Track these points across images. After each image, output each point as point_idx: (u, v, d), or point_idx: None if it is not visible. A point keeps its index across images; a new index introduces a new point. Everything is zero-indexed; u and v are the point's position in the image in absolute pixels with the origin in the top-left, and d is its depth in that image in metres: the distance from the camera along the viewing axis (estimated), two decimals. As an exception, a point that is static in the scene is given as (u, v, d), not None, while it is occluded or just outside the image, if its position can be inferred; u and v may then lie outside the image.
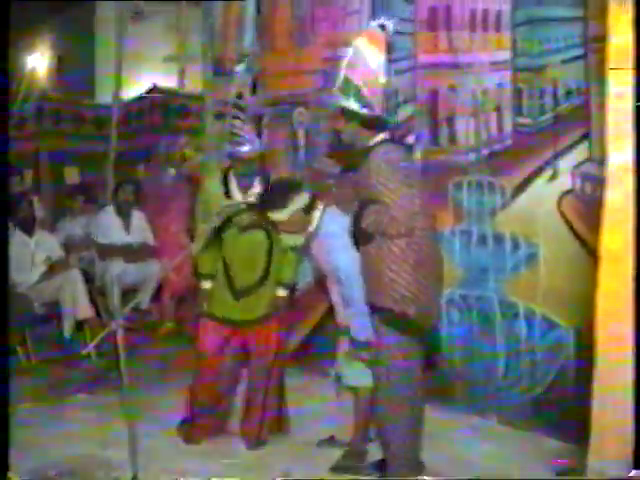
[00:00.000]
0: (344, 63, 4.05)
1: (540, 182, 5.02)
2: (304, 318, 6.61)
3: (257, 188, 4.87)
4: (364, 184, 3.96)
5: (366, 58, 3.97)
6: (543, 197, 5.00)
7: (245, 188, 4.90)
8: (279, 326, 5.02)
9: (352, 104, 3.98)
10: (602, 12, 3.17)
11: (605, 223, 3.16)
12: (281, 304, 5.00)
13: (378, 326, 4.03)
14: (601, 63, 3.22)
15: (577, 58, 4.81)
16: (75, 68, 15.42)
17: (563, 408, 4.81)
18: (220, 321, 4.94)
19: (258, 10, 6.95)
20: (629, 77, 3.05)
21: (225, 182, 4.92)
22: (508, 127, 5.21)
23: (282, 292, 5.00)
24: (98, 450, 4.71)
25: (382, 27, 4.06)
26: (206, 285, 4.98)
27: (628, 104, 3.05)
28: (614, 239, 3.12)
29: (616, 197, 3.11)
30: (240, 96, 4.91)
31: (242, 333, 5.00)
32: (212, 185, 5.02)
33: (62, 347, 6.87)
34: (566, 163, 4.88)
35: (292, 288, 5.18)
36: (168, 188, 8.75)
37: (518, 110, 5.15)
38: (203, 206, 5.01)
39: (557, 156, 4.92)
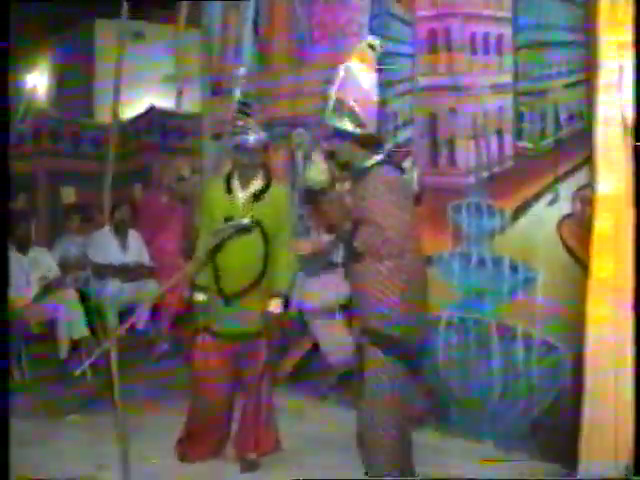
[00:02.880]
0: (336, 83, 4.07)
1: (540, 206, 5.02)
2: (300, 340, 6.59)
3: (259, 182, 4.83)
4: (358, 204, 3.98)
5: (358, 78, 4.01)
6: (543, 221, 4.99)
7: (247, 181, 4.81)
8: (270, 343, 4.90)
9: (346, 124, 4.00)
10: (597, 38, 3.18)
11: (594, 250, 3.15)
12: (274, 319, 4.80)
13: (364, 346, 4.03)
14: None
15: (579, 83, 4.82)
16: (74, 87, 15.46)
17: (560, 432, 4.75)
18: (216, 336, 4.86)
19: (256, 31, 6.98)
20: (618, 102, 3.05)
21: (227, 180, 4.84)
22: (509, 150, 5.21)
23: (276, 303, 4.79)
24: (91, 470, 4.69)
25: (371, 46, 4.10)
26: (200, 297, 4.89)
27: (616, 130, 3.04)
28: (602, 267, 3.11)
29: (604, 224, 3.10)
30: (244, 103, 4.92)
31: (235, 348, 4.90)
32: (214, 186, 4.99)
33: (57, 366, 6.84)
34: (567, 187, 4.88)
35: (286, 300, 4.91)
36: (164, 208, 8.76)
37: (519, 134, 5.16)
38: (206, 211, 4.95)
39: (558, 180, 4.92)
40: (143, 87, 13.19)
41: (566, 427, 4.66)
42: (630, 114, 3.04)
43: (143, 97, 12.21)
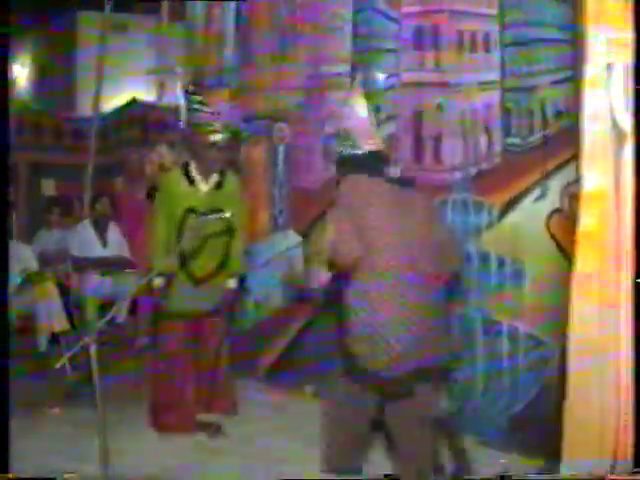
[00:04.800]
0: (343, 116, 4.23)
1: (528, 201, 5.04)
2: (280, 334, 6.60)
3: (216, 173, 5.20)
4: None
5: (357, 110, 4.12)
6: (531, 216, 5.02)
7: (208, 174, 5.19)
8: (227, 318, 5.46)
9: (350, 150, 4.08)
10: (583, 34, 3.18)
11: (579, 246, 3.16)
12: (232, 296, 5.44)
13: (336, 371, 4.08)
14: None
15: (566, 80, 4.84)
16: (55, 80, 15.38)
17: (544, 427, 4.74)
18: (179, 316, 5.21)
19: (238, 26, 6.96)
20: (606, 99, 3.05)
21: (187, 173, 5.17)
22: (497, 147, 5.23)
23: (232, 283, 5.39)
24: (70, 465, 4.67)
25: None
26: (158, 281, 5.19)
27: (603, 126, 3.05)
28: (587, 262, 3.12)
29: (589, 220, 3.11)
30: (191, 91, 5.09)
31: (199, 325, 5.32)
32: (172, 179, 5.28)
33: (36, 360, 6.80)
34: (555, 182, 4.91)
35: (241, 279, 5.56)
36: (145, 201, 8.72)
37: (507, 130, 5.18)
38: (164, 203, 5.25)
39: (546, 176, 4.95)
40: (125, 80, 13.13)
41: (550, 422, 4.69)
42: (622, 111, 3.05)
43: (125, 90, 12.16)
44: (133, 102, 10.59)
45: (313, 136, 6.36)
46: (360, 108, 4.15)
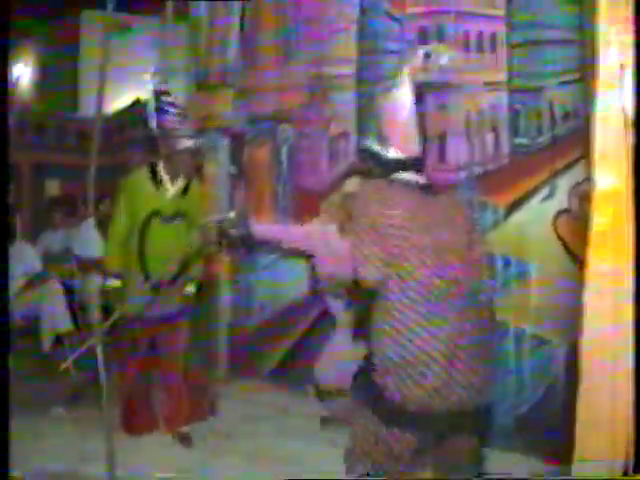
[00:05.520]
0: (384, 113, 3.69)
1: (536, 201, 5.03)
2: (284, 335, 6.60)
3: (181, 182, 5.12)
4: None
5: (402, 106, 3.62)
6: (538, 216, 5.01)
7: (175, 177, 5.12)
8: (188, 323, 5.33)
9: (374, 145, 3.61)
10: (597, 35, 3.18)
11: (591, 245, 3.16)
12: (190, 301, 5.32)
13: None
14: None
15: (575, 81, 4.83)
16: (59, 80, 15.37)
17: (550, 428, 4.73)
18: (140, 319, 5.10)
19: (242, 26, 6.96)
20: (618, 99, 3.06)
21: (154, 174, 5.11)
22: (505, 147, 5.21)
23: (192, 288, 5.31)
24: (77, 465, 4.67)
25: (427, 55, 3.77)
26: (115, 283, 5.10)
27: (615, 126, 3.05)
28: (600, 260, 3.12)
29: (602, 220, 3.11)
30: (163, 93, 5.06)
31: (159, 329, 5.21)
32: (137, 181, 5.18)
33: (41, 361, 6.81)
34: (564, 183, 4.90)
35: (199, 285, 5.44)
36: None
37: (515, 130, 5.17)
38: (127, 205, 5.14)
39: (554, 176, 4.93)
40: (128, 80, 13.12)
41: (556, 423, 4.67)
42: (631, 111, 3.05)
43: (128, 90, 12.15)
44: (137, 102, 10.59)
45: (317, 137, 6.35)
46: (407, 104, 3.61)
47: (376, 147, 3.57)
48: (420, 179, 3.54)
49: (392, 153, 3.52)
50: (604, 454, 3.09)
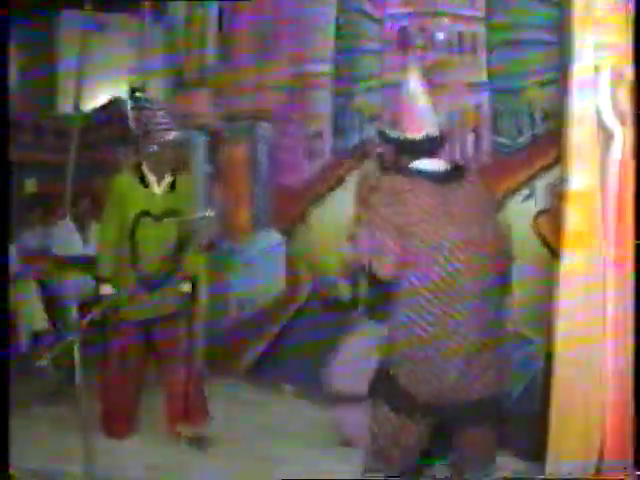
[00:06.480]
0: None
1: (516, 201, 5.02)
2: (261, 333, 6.61)
3: (168, 179, 5.05)
4: None
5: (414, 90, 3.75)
6: (519, 216, 4.97)
7: (162, 174, 5.05)
8: (187, 322, 5.27)
9: (388, 128, 3.73)
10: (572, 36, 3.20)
11: (565, 245, 3.18)
12: (187, 300, 5.24)
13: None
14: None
15: (553, 81, 4.82)
16: (35, 78, 15.28)
17: (529, 428, 4.62)
18: (133, 321, 5.05)
19: (220, 25, 6.96)
20: (593, 102, 3.09)
21: (140, 175, 5.04)
22: (484, 147, 5.21)
23: (187, 287, 5.21)
24: (53, 464, 4.66)
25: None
26: (106, 290, 5.03)
27: (590, 127, 3.08)
28: (573, 260, 3.14)
29: (576, 220, 3.14)
30: (139, 89, 5.03)
31: (153, 330, 5.16)
32: (124, 181, 5.10)
33: (17, 359, 6.78)
34: (543, 183, 4.89)
35: (194, 283, 5.39)
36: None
37: (495, 130, 5.16)
38: (115, 206, 5.06)
39: (534, 176, 4.93)
40: (105, 79, 13.08)
41: (535, 422, 4.68)
42: (609, 113, 3.08)
43: (105, 89, 12.11)
44: (115, 101, 10.56)
45: (296, 135, 6.36)
46: (417, 87, 3.72)
47: (392, 131, 3.65)
48: (441, 165, 3.57)
49: (409, 134, 3.56)
50: (577, 453, 3.11)
